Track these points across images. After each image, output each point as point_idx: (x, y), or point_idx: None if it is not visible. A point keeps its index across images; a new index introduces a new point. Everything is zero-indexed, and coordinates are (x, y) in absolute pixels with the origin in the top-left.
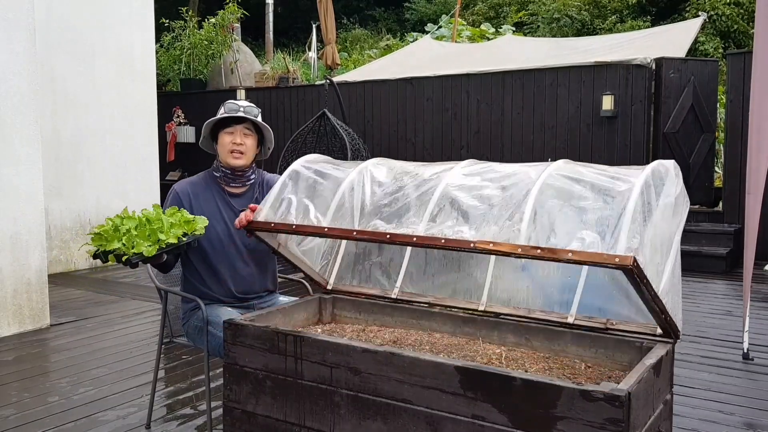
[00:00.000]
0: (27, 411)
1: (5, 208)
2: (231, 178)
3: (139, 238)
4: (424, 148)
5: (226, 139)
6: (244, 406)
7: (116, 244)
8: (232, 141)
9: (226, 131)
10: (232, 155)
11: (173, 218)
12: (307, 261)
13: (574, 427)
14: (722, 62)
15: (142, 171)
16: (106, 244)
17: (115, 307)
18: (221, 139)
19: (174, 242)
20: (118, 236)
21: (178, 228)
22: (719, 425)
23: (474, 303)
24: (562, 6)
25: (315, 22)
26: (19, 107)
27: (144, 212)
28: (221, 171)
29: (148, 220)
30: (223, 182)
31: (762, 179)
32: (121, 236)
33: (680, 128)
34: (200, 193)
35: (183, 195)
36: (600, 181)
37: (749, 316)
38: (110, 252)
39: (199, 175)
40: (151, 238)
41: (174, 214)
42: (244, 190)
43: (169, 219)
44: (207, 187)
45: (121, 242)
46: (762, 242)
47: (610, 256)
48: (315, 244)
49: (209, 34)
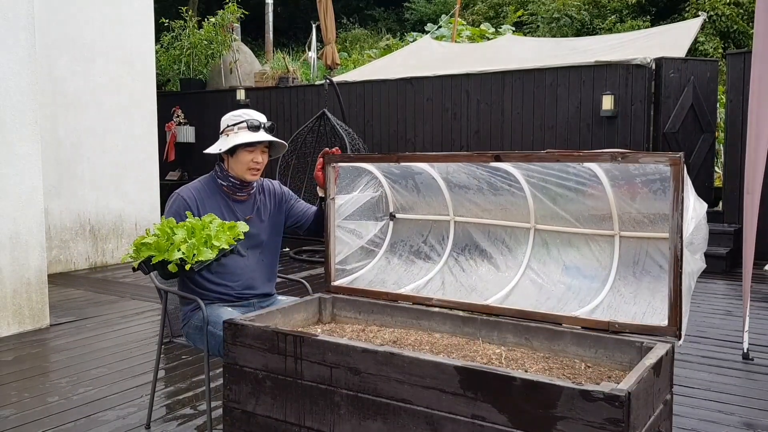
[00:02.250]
0: (27, 411)
1: (5, 208)
2: (239, 188)
3: (198, 244)
4: (424, 148)
5: (247, 157)
6: (244, 406)
7: (178, 253)
8: (254, 159)
9: (247, 149)
10: (250, 172)
11: (215, 225)
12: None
13: (574, 427)
14: (722, 62)
15: (142, 171)
16: (162, 254)
17: (115, 307)
18: (241, 155)
19: (226, 248)
20: (168, 246)
21: (223, 233)
22: (719, 425)
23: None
24: (562, 6)
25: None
26: (19, 107)
27: (187, 222)
28: (229, 181)
29: (194, 228)
30: (230, 191)
31: (760, 179)
32: (177, 246)
33: (680, 128)
34: (206, 200)
35: (190, 201)
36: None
37: (749, 316)
38: (169, 262)
39: (200, 180)
40: (207, 244)
41: (213, 221)
42: (246, 198)
43: (216, 228)
44: (212, 194)
45: (181, 252)
46: (762, 242)
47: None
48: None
49: (209, 34)
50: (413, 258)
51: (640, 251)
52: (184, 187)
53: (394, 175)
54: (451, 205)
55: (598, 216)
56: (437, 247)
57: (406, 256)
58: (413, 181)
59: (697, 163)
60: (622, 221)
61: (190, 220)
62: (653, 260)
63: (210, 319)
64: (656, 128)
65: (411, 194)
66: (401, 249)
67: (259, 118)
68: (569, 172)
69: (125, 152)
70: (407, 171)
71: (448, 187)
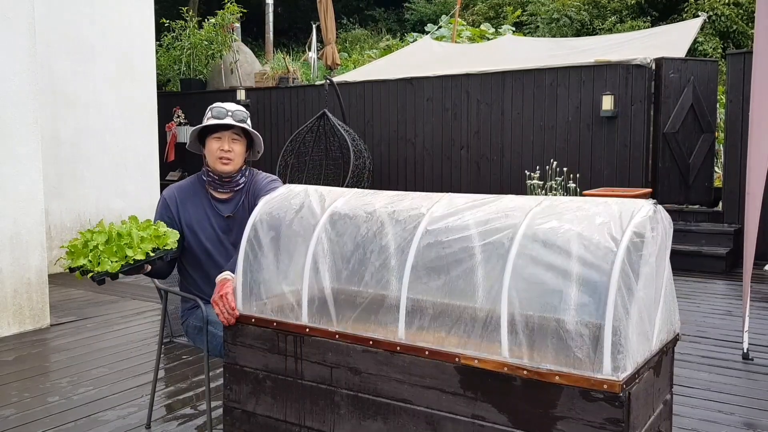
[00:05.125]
0: (27, 411)
1: (5, 208)
2: (219, 184)
3: (105, 254)
4: (424, 149)
5: (214, 145)
6: (244, 405)
7: (82, 260)
8: (220, 148)
9: (214, 137)
10: (221, 161)
11: (144, 232)
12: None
13: (574, 427)
14: (722, 62)
15: (142, 171)
16: (72, 259)
17: (115, 307)
18: (209, 144)
19: (142, 258)
20: (85, 252)
21: (149, 243)
22: (719, 425)
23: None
24: (562, 6)
25: (315, 22)
26: (19, 107)
27: (114, 227)
28: (209, 176)
29: (119, 234)
30: (211, 188)
31: (761, 179)
32: (88, 252)
33: (680, 128)
34: (187, 199)
35: (170, 201)
36: (578, 261)
37: (749, 316)
38: (76, 268)
39: (189, 178)
40: (118, 254)
41: (147, 227)
42: (230, 196)
43: (140, 233)
44: (195, 193)
45: (87, 259)
46: (762, 242)
47: (598, 382)
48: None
49: (209, 34)
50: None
51: None
52: (170, 187)
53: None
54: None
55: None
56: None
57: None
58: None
59: (697, 163)
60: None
61: (116, 226)
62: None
63: (210, 319)
64: (656, 128)
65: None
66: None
67: (229, 107)
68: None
69: (125, 152)
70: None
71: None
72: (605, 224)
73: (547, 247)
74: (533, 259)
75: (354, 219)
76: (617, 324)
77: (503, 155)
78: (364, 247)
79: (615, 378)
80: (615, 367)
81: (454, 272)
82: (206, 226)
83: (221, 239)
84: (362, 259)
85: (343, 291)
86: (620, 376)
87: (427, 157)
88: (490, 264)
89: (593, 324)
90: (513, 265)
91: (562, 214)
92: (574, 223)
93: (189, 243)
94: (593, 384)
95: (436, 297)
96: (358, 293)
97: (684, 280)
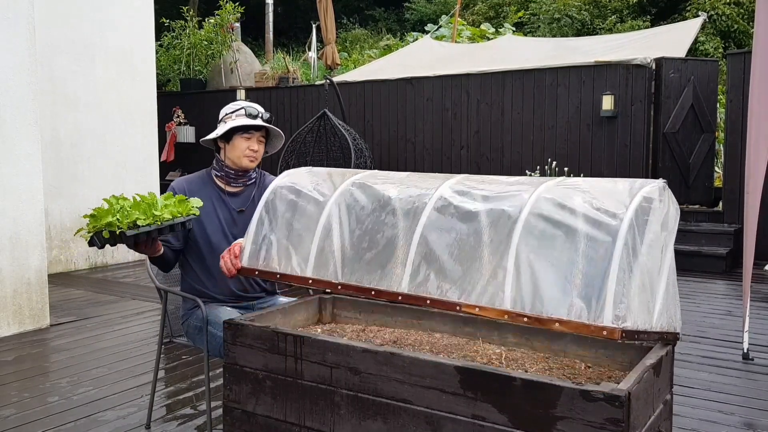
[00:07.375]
0: (27, 411)
1: (5, 208)
2: (233, 177)
3: (134, 211)
4: (424, 148)
5: (243, 144)
6: (244, 406)
7: (110, 218)
8: (249, 147)
9: (244, 136)
10: (248, 158)
11: (167, 201)
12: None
13: (574, 427)
14: (722, 62)
15: (142, 171)
16: (98, 221)
17: (115, 307)
18: (237, 142)
19: (169, 218)
20: (112, 212)
21: (173, 207)
22: (719, 425)
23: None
24: (562, 6)
25: (315, 22)
26: (19, 107)
27: (135, 196)
28: (224, 170)
29: (143, 199)
30: (224, 181)
31: (761, 179)
32: (115, 212)
33: (680, 128)
34: (196, 191)
35: (179, 191)
36: (586, 220)
37: (749, 316)
38: (103, 228)
39: (196, 173)
40: (146, 212)
41: (168, 197)
42: (241, 190)
43: (163, 201)
44: (203, 186)
45: (115, 217)
46: (762, 242)
47: (597, 329)
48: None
49: (209, 34)
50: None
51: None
52: (178, 179)
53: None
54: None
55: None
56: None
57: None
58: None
59: (697, 163)
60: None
61: (145, 198)
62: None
63: (210, 319)
64: (656, 128)
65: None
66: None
67: (258, 108)
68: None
69: (125, 152)
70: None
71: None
72: (617, 189)
73: (558, 206)
74: (544, 218)
75: (371, 188)
76: (621, 276)
77: (503, 155)
78: (379, 211)
79: (615, 325)
80: (616, 317)
81: (464, 230)
82: (213, 218)
83: (226, 233)
84: (376, 221)
85: (353, 249)
86: (620, 325)
87: (427, 156)
88: (500, 223)
89: (598, 275)
90: (524, 223)
91: (576, 184)
92: (587, 188)
93: (194, 234)
94: (593, 331)
95: (445, 254)
96: (367, 250)
97: (684, 280)
